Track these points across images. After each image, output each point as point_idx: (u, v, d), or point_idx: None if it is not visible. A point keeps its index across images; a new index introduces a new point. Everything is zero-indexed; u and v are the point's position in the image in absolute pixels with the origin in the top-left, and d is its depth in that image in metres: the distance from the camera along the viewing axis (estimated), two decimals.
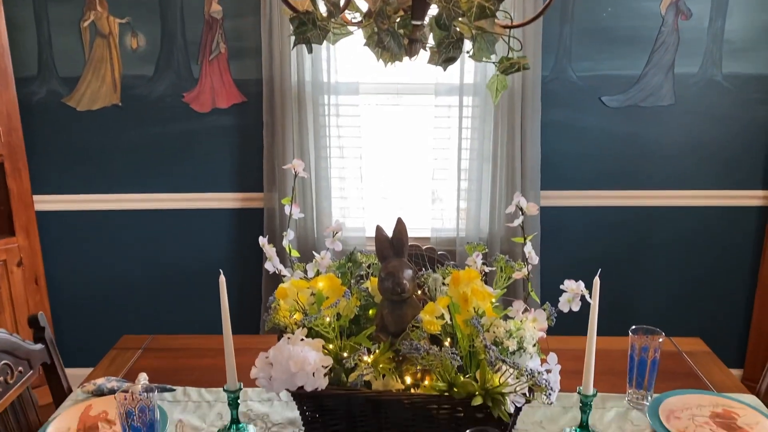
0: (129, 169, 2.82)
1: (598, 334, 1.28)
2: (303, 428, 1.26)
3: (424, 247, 1.82)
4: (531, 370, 1.06)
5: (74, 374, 2.98)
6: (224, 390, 1.35)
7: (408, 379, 1.21)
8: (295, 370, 1.13)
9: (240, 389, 1.36)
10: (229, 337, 1.33)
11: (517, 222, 1.25)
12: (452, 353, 1.09)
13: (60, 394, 1.58)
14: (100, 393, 1.53)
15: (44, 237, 2.87)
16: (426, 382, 1.21)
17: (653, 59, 2.66)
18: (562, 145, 2.76)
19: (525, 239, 1.25)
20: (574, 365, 1.37)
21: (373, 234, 2.84)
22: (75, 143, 2.79)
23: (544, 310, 1.26)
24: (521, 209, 1.24)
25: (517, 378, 1.10)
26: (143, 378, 1.54)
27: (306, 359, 1.13)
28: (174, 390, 1.54)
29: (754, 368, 2.88)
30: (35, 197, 2.80)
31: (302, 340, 1.18)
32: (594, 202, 2.83)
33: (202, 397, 1.54)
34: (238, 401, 1.38)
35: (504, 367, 1.10)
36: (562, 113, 2.73)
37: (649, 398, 1.48)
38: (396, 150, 2.84)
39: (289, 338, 1.18)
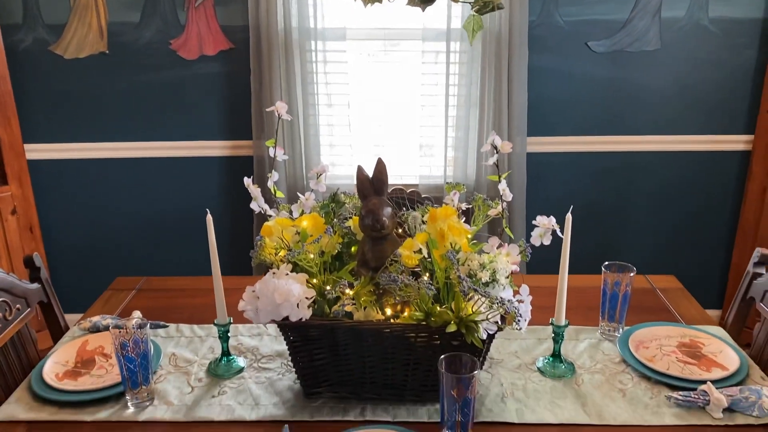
0: (118, 117, 2.84)
1: (581, 275, 1.33)
2: (290, 358, 1.33)
3: (408, 191, 1.86)
4: (501, 299, 1.12)
5: (71, 319, 3.07)
6: (215, 324, 1.42)
7: (388, 311, 1.28)
8: (280, 302, 1.19)
9: (230, 323, 1.43)
10: (217, 272, 1.39)
11: (492, 160, 1.29)
12: (428, 284, 1.14)
13: (57, 331, 1.64)
14: (96, 330, 1.59)
15: (37, 185, 2.91)
16: (405, 313, 1.28)
17: (640, 3, 2.66)
18: (548, 90, 2.78)
19: (499, 177, 1.30)
20: (550, 301, 1.44)
21: None
22: (64, 91, 2.80)
23: (519, 245, 1.31)
24: (495, 148, 1.28)
25: (489, 307, 1.16)
26: (137, 315, 1.60)
27: (290, 291, 1.19)
28: (167, 326, 1.61)
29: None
30: (26, 146, 2.82)
31: (287, 274, 1.24)
32: (580, 148, 2.87)
33: (194, 333, 1.61)
34: (229, 335, 1.45)
35: (477, 297, 1.16)
36: (549, 59, 2.74)
37: (621, 330, 1.56)
38: (384, 97, 2.86)
39: (274, 273, 1.24)
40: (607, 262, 1.54)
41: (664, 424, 1.26)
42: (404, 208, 1.46)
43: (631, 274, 1.51)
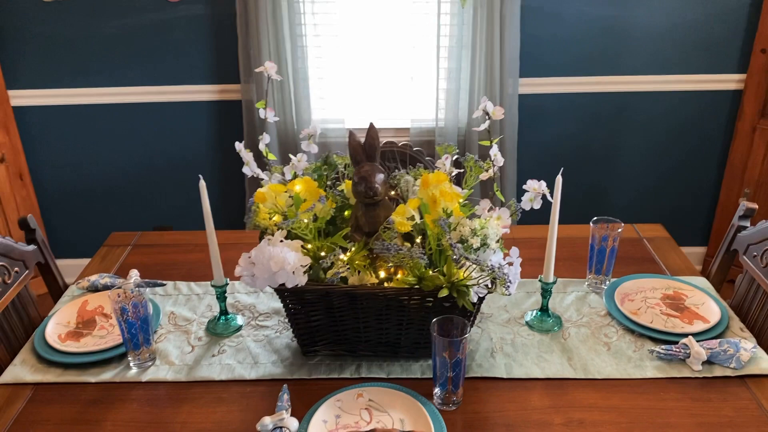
0: (103, 61, 2.78)
1: (571, 220, 1.36)
2: (287, 319, 1.37)
3: (399, 144, 1.86)
4: (491, 265, 1.15)
5: (67, 264, 3.10)
6: (212, 285, 1.45)
7: (381, 274, 1.31)
8: (276, 270, 1.21)
9: (226, 284, 1.46)
10: (213, 237, 1.41)
11: (483, 126, 1.29)
12: (420, 253, 1.17)
13: (56, 290, 1.67)
14: (94, 289, 1.62)
15: (24, 133, 2.87)
16: (398, 276, 1.31)
17: None
18: (541, 31, 2.73)
19: (491, 142, 1.30)
20: (540, 253, 1.47)
21: (352, 125, 2.86)
22: (45, 36, 2.72)
23: (509, 207, 1.33)
24: (487, 114, 1.27)
25: (480, 272, 1.19)
26: (134, 274, 1.63)
27: (285, 259, 1.21)
28: (164, 285, 1.64)
29: (717, 245, 3.05)
30: (10, 92, 2.77)
31: (281, 241, 1.26)
32: (572, 89, 2.85)
33: (192, 291, 1.64)
34: (226, 294, 1.48)
35: (468, 263, 1.18)
36: None
37: (607, 283, 1.60)
38: (374, 39, 2.80)
39: (269, 240, 1.26)
40: (595, 218, 1.57)
41: (645, 377, 1.32)
42: (396, 170, 1.47)
43: (619, 230, 1.55)
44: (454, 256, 1.14)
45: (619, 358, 1.37)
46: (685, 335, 1.39)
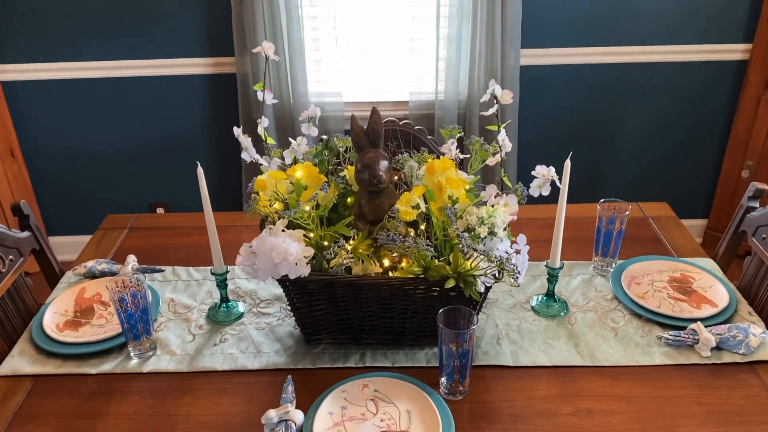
0: (93, 34, 2.70)
1: (573, 196, 1.32)
2: (289, 307, 1.35)
3: (401, 122, 1.81)
4: (500, 257, 1.12)
5: (62, 242, 3.07)
6: (212, 273, 1.42)
7: (386, 261, 1.28)
8: (278, 261, 1.18)
9: (227, 272, 1.43)
10: (212, 226, 1.37)
11: (492, 110, 1.25)
12: (426, 245, 1.14)
13: (52, 276, 1.64)
14: (91, 275, 1.59)
15: (13, 108, 2.80)
16: (403, 264, 1.28)
17: None
18: (543, 0, 2.66)
19: (499, 127, 1.26)
20: (545, 234, 1.44)
21: (350, 99, 2.80)
22: (33, 8, 2.63)
23: (516, 192, 1.29)
24: (495, 98, 1.23)
25: (487, 262, 1.16)
26: (132, 260, 1.60)
27: (288, 250, 1.18)
28: (163, 270, 1.61)
29: (719, 218, 3.03)
30: None
31: (283, 231, 1.22)
32: (574, 60, 2.79)
33: (191, 276, 1.61)
34: (226, 282, 1.45)
35: (475, 253, 1.15)
36: None
37: (614, 265, 1.58)
38: (372, 9, 2.72)
39: (270, 229, 1.22)
40: (602, 199, 1.54)
41: (654, 364, 1.30)
42: (399, 152, 1.42)
43: (626, 212, 1.52)
44: (462, 249, 1.11)
45: (627, 345, 1.35)
46: (694, 320, 1.37)
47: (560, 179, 1.26)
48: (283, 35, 2.61)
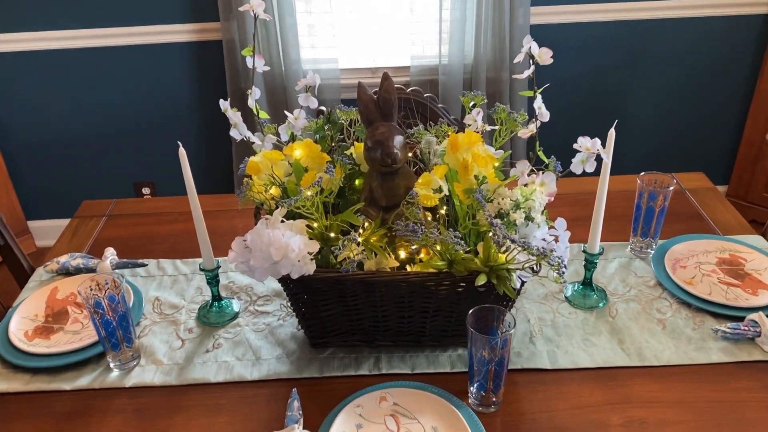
0: (64, 1, 2.46)
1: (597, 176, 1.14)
2: (292, 308, 1.17)
3: (408, 89, 1.62)
4: (541, 248, 0.94)
5: (41, 226, 2.87)
6: (201, 269, 1.24)
7: (402, 254, 1.10)
8: (278, 258, 1.00)
9: (218, 267, 1.25)
10: (199, 217, 1.18)
11: (527, 73, 1.05)
12: (456, 237, 0.96)
13: (21, 275, 1.45)
14: (65, 272, 1.41)
15: None
16: (422, 255, 1.10)
17: None
18: None
19: (535, 92, 1.07)
20: (573, 212, 1.27)
21: (347, 65, 2.59)
22: None
23: (549, 167, 1.11)
24: (532, 57, 1.04)
25: (525, 253, 0.99)
26: (110, 254, 1.42)
27: (289, 246, 0.99)
28: (146, 265, 1.43)
29: (740, 184, 2.86)
30: None
31: (282, 221, 1.04)
32: (588, 18, 2.58)
33: (178, 270, 1.43)
34: (218, 278, 1.27)
35: (512, 245, 0.97)
36: None
37: (654, 246, 1.40)
38: None
39: (267, 219, 1.04)
40: (643, 173, 1.36)
41: (711, 362, 1.14)
42: (412, 124, 1.23)
43: (671, 187, 1.34)
44: (497, 240, 0.93)
45: (678, 339, 1.19)
46: (753, 309, 1.21)
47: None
48: None
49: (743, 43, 2.66)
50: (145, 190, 2.84)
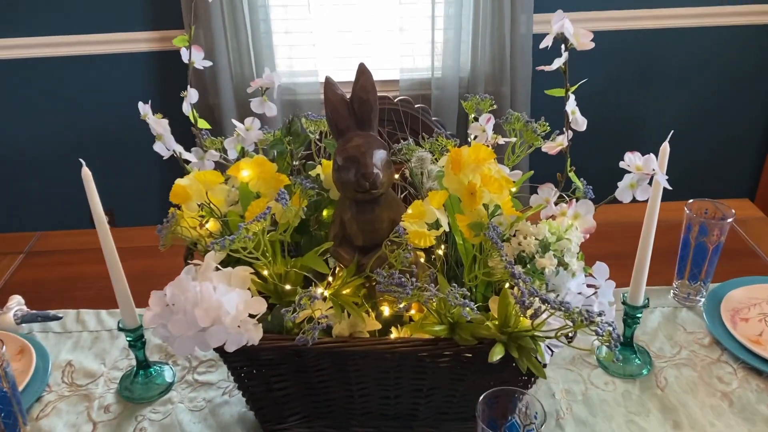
0: (8, 5, 2.19)
1: (605, 195, 0.85)
2: (237, 385, 0.87)
3: (396, 99, 1.34)
4: (588, 313, 0.65)
5: None
6: (119, 329, 0.93)
7: (386, 310, 0.80)
8: (207, 324, 0.70)
9: (142, 328, 0.95)
10: (112, 255, 0.89)
11: (558, 63, 0.77)
12: (463, 297, 0.66)
13: None
14: None
15: None
16: (413, 311, 0.81)
17: None
18: None
19: (567, 91, 0.79)
20: (597, 247, 0.96)
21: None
22: None
23: (578, 193, 0.82)
24: (564, 41, 0.75)
25: (561, 315, 0.69)
26: (16, 303, 1.11)
27: (221, 306, 0.70)
28: (60, 318, 1.12)
29: (764, 199, 2.61)
30: None
31: (217, 269, 0.74)
32: (595, 26, 2.32)
33: (103, 324, 1.12)
34: (144, 339, 0.97)
35: (542, 305, 0.68)
36: None
37: (704, 293, 1.12)
38: None
39: (195, 269, 0.74)
40: (691, 200, 1.08)
41: None
42: (399, 137, 0.95)
43: (729, 219, 1.05)
44: (521, 298, 0.64)
45: (753, 422, 0.89)
46: None
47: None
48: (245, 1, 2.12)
49: (763, 53, 2.43)
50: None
